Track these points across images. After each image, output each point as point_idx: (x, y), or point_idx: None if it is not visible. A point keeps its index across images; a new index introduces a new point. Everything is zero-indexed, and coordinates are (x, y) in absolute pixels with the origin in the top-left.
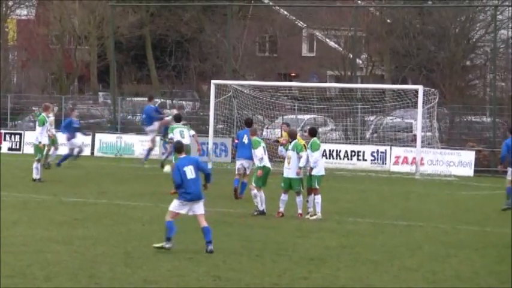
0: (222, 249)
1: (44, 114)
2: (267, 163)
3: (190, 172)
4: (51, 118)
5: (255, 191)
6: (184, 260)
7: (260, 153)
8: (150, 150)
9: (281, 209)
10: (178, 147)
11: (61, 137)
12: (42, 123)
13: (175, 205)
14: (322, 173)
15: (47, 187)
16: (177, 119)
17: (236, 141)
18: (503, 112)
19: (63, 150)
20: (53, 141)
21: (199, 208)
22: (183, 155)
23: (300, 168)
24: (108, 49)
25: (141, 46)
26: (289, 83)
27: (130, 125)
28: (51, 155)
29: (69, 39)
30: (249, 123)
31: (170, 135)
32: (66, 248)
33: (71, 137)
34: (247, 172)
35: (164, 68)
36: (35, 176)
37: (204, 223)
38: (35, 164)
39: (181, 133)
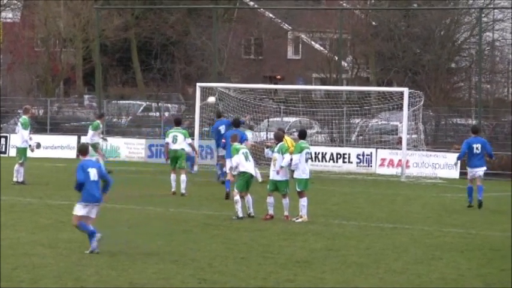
0: (207, 251)
1: (24, 116)
2: (248, 169)
3: (93, 174)
4: (101, 129)
5: (237, 197)
6: (169, 263)
7: (235, 162)
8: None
9: (270, 212)
10: (82, 150)
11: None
12: (27, 126)
13: (79, 208)
14: (305, 176)
15: (32, 190)
16: (176, 122)
17: (223, 140)
18: (488, 114)
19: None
20: (95, 148)
21: (96, 212)
22: (87, 157)
23: (281, 167)
24: (93, 52)
25: (127, 49)
26: (275, 86)
27: (116, 127)
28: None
29: (54, 42)
30: (237, 123)
31: (166, 140)
32: (52, 251)
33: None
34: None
35: (149, 70)
36: (17, 179)
37: (91, 227)
38: (16, 167)
39: (175, 138)
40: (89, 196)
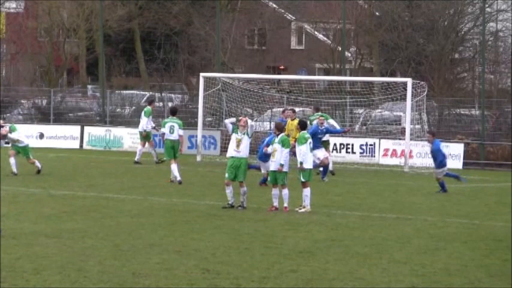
0: (210, 242)
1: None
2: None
3: None
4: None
5: (245, 188)
6: (173, 253)
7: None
8: None
9: (275, 204)
10: None
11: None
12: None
13: None
14: (309, 166)
15: (36, 180)
16: (172, 112)
17: None
18: (491, 105)
19: None
20: (148, 137)
21: None
22: None
23: (281, 165)
24: (97, 42)
25: (130, 39)
26: (278, 76)
27: (119, 118)
28: (151, 152)
29: (58, 32)
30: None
31: (162, 130)
32: (55, 241)
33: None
34: None
35: (153, 61)
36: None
37: None
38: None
39: (172, 128)
40: None
